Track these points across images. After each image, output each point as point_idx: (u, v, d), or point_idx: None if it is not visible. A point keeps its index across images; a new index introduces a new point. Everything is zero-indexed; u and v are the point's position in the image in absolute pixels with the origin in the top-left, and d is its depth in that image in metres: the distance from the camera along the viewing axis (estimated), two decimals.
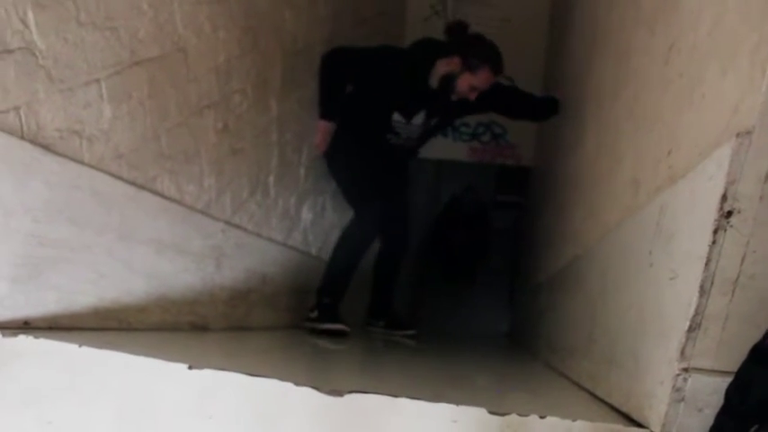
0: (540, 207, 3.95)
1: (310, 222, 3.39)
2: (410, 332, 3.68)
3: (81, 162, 1.68)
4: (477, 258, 7.11)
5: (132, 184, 1.88)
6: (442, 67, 3.14)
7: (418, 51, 3.24)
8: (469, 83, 3.09)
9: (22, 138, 1.48)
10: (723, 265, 1.04)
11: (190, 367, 1.33)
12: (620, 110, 1.91)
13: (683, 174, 1.24)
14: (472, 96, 3.12)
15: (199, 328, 2.34)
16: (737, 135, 0.99)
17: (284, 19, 2.78)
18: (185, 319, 2.26)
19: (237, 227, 2.57)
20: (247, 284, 2.71)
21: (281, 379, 1.31)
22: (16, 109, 1.47)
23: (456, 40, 3.18)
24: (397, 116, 3.23)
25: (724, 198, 1.01)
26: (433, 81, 3.16)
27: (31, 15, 1.48)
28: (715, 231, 1.03)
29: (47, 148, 1.56)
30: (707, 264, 1.05)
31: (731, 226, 1.02)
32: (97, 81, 1.72)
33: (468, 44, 3.16)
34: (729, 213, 1.01)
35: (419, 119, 3.26)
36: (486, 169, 6.86)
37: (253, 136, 2.62)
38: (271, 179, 2.87)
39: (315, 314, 3.15)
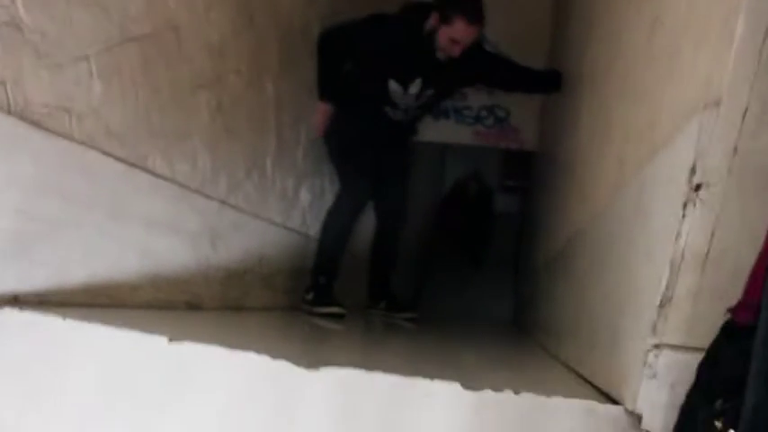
0: (542, 191, 3.94)
1: (309, 204, 3.40)
2: (410, 315, 3.68)
3: (70, 138, 1.69)
4: (480, 243, 7.09)
5: (123, 161, 1.89)
6: (427, 26, 3.14)
7: (405, 14, 3.24)
8: (448, 35, 3.06)
9: (9, 113, 1.49)
10: (693, 239, 1.04)
11: (170, 340, 1.35)
12: (611, 88, 1.90)
13: (661, 149, 1.24)
14: (456, 51, 3.08)
15: (193, 307, 2.36)
16: (705, 107, 0.98)
17: None
18: (179, 298, 2.28)
19: (233, 207, 2.58)
20: (243, 265, 2.73)
21: (258, 352, 1.32)
22: (2, 83, 1.48)
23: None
24: (394, 86, 3.22)
25: (693, 171, 1.01)
26: (422, 42, 3.16)
27: None
28: (684, 205, 1.03)
29: (35, 123, 1.57)
30: (677, 238, 1.04)
31: (700, 200, 1.01)
32: (86, 58, 1.72)
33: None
34: (698, 187, 1.01)
35: (415, 87, 3.26)
36: (492, 153, 6.84)
37: (248, 116, 2.63)
38: (268, 160, 2.87)
39: (311, 296, 3.17)
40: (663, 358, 1.11)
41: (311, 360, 1.30)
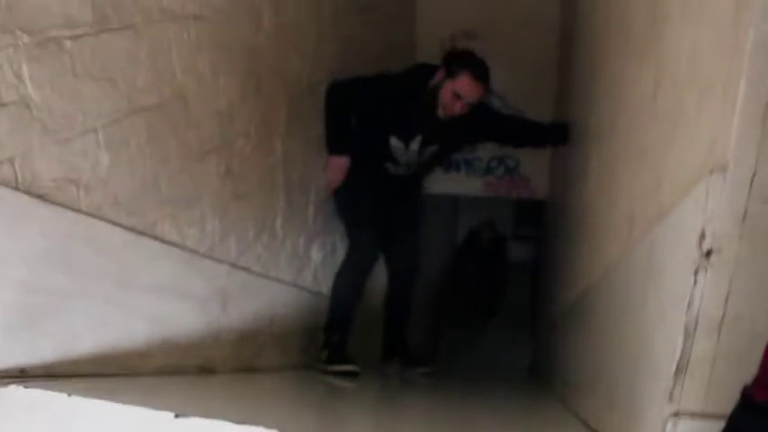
0: (555, 241, 3.91)
1: (320, 262, 3.38)
2: (425, 369, 3.62)
3: (78, 210, 1.70)
4: (495, 293, 7.04)
5: (131, 230, 1.90)
6: (432, 83, 3.17)
7: (411, 72, 3.31)
8: (451, 89, 3.08)
9: (17, 188, 1.50)
10: (706, 305, 1.01)
11: (176, 416, 1.32)
12: (617, 143, 1.89)
13: (669, 211, 1.22)
14: (457, 108, 3.10)
15: (206, 370, 2.33)
16: (712, 172, 0.97)
17: (288, 60, 2.82)
18: (191, 362, 2.25)
19: (243, 269, 2.57)
20: (255, 326, 2.71)
21: (267, 426, 1.29)
22: (11, 160, 1.49)
23: (447, 57, 3.22)
24: (395, 142, 3.24)
25: (702, 237, 0.99)
26: (423, 99, 3.19)
27: (25, 69, 1.51)
28: (696, 272, 1.00)
29: (42, 197, 1.58)
30: (689, 304, 1.02)
31: (712, 266, 0.99)
32: (94, 130, 1.74)
33: (452, 54, 3.20)
34: (709, 253, 0.99)
35: (416, 144, 3.27)
36: (506, 202, 6.83)
37: (258, 178, 2.64)
38: (278, 221, 2.87)
39: (324, 355, 3.13)
40: (681, 426, 1.08)
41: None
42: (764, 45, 0.89)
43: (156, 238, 2.01)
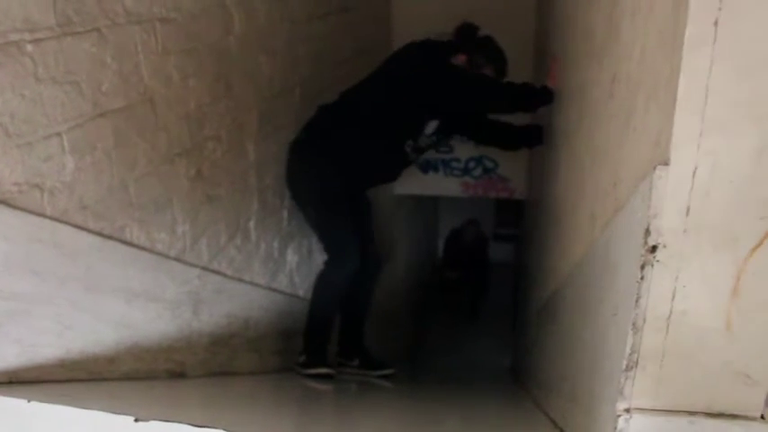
0: (530, 240, 3.93)
1: (296, 264, 3.38)
2: (387, 371, 3.48)
3: (42, 215, 1.69)
4: (477, 295, 7.06)
5: (98, 234, 1.89)
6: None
7: (437, 49, 3.17)
8: None
9: None
10: (654, 301, 1.02)
11: (136, 420, 1.32)
12: (581, 143, 1.91)
13: (622, 207, 1.23)
14: None
15: (176, 375, 2.32)
16: (655, 168, 0.98)
17: (259, 63, 2.82)
18: (161, 366, 2.25)
19: (216, 272, 2.57)
20: (229, 329, 2.70)
21: (228, 429, 1.29)
22: None
23: (465, 39, 3.18)
24: (429, 124, 3.19)
25: (647, 232, 1.00)
26: None
27: None
28: (642, 267, 1.02)
29: (5, 202, 1.57)
30: (637, 300, 1.03)
31: (657, 261, 1.00)
32: (58, 134, 1.73)
33: (476, 43, 3.17)
34: (654, 248, 1.00)
35: (432, 127, 3.21)
36: (486, 202, 6.87)
37: (229, 182, 2.64)
38: (251, 223, 2.87)
39: (303, 358, 3.11)
40: (633, 423, 1.09)
41: None
42: (700, 41, 0.90)
43: (124, 242, 2.01)
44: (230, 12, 2.55)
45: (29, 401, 1.37)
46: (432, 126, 3.21)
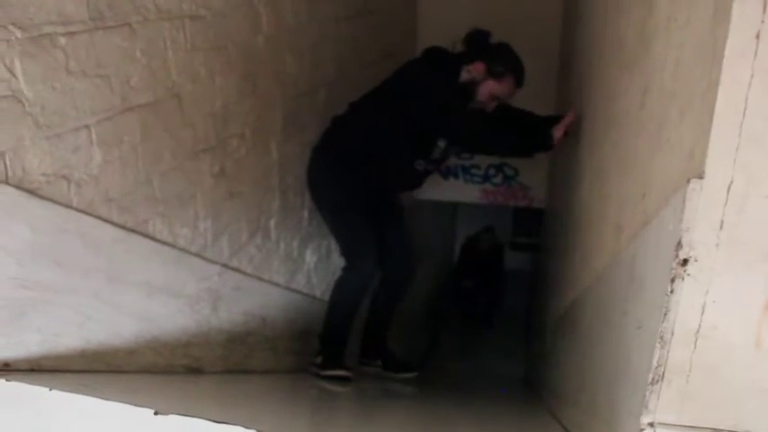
0: (550, 249, 3.91)
1: (314, 265, 3.38)
2: (410, 375, 3.45)
3: (68, 206, 1.70)
4: (492, 303, 7.03)
5: (122, 227, 1.90)
6: (464, 75, 3.05)
7: (445, 63, 3.12)
8: (491, 90, 3.00)
9: (7, 182, 1.51)
10: (683, 315, 1.01)
11: (155, 413, 1.32)
12: (607, 153, 1.90)
13: (651, 219, 1.22)
14: (491, 107, 3.02)
15: (193, 370, 2.33)
16: (689, 181, 0.97)
17: (285, 63, 2.83)
18: (179, 361, 2.25)
19: (236, 270, 2.58)
20: (246, 327, 2.71)
21: (247, 427, 1.29)
22: (1, 155, 1.50)
23: (479, 47, 3.11)
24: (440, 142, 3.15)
25: (679, 245, 0.99)
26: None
27: (18, 64, 1.52)
28: (672, 280, 1.00)
29: (32, 192, 1.58)
30: (666, 314, 1.02)
31: (688, 275, 0.99)
32: (87, 127, 1.75)
33: (493, 51, 3.09)
34: (686, 261, 0.99)
35: (444, 141, 3.15)
36: (504, 210, 6.84)
37: (252, 180, 2.65)
38: (272, 222, 2.88)
39: (319, 360, 3.08)
40: None
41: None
42: (740, 54, 0.89)
43: (147, 236, 2.02)
44: (259, 11, 2.56)
45: (50, 390, 1.38)
46: (443, 141, 3.19)
